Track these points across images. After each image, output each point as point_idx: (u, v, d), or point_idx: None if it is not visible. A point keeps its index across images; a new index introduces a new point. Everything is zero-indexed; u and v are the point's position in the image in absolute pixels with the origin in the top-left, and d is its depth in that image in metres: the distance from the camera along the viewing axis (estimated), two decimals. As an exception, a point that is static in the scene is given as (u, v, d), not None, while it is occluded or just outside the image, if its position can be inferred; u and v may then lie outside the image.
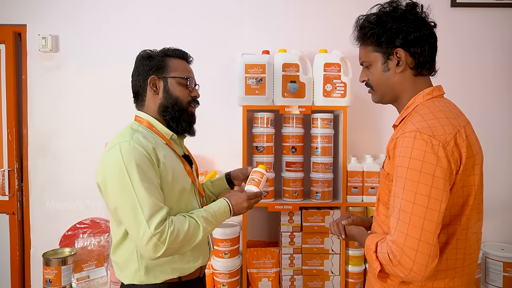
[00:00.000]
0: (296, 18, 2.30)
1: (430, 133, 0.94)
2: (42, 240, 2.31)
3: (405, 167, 0.94)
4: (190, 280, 1.26)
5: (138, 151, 1.11)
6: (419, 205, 0.91)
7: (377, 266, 0.98)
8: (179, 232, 1.10)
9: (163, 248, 1.07)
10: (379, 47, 1.09)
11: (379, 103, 1.19)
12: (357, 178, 2.03)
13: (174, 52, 1.29)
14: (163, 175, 1.16)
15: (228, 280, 2.01)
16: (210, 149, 2.28)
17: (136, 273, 1.18)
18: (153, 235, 1.05)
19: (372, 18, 1.10)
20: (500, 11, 2.28)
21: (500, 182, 2.30)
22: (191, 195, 1.28)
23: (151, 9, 2.30)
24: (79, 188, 2.30)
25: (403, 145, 0.96)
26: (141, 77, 1.26)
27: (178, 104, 1.26)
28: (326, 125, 2.04)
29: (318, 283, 2.04)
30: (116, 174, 1.09)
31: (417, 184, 0.92)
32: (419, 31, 1.06)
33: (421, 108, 1.04)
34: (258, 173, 1.38)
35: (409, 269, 0.90)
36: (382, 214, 1.12)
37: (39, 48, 2.25)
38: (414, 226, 0.91)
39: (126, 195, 1.08)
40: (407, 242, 0.91)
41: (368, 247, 1.03)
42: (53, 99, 2.31)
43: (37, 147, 2.32)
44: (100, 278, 2.07)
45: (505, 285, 2.01)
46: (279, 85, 2.01)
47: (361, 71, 1.19)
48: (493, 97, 2.30)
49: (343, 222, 1.26)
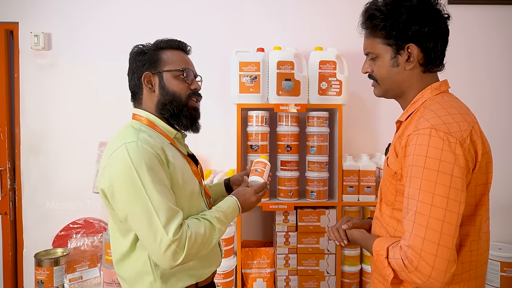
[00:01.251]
0: (291, 15, 2.28)
1: (446, 130, 0.89)
2: (35, 240, 2.28)
3: (421, 167, 0.88)
4: (205, 285, 1.21)
5: (147, 151, 1.02)
6: (437, 207, 0.86)
7: (390, 273, 0.92)
8: (196, 236, 1.02)
9: (183, 255, 0.99)
10: (390, 40, 1.01)
11: (381, 97, 1.12)
12: (353, 177, 2.01)
13: (168, 43, 1.19)
14: (173, 176, 1.08)
15: (223, 281, 1.99)
16: (204, 148, 2.25)
17: (152, 285, 1.09)
18: (172, 242, 0.97)
19: (383, 6, 1.00)
20: (498, 8, 2.26)
21: (499, 181, 2.27)
22: (199, 196, 1.20)
23: (144, 6, 2.27)
24: (73, 188, 2.27)
25: (417, 142, 0.91)
26: (135, 75, 1.17)
27: (176, 99, 1.15)
28: (321, 123, 2.01)
29: (314, 284, 2.02)
30: (125, 178, 0.99)
31: (435, 185, 0.87)
32: (434, 24, 0.98)
33: (431, 103, 0.98)
34: (261, 163, 1.35)
35: (428, 275, 0.85)
36: (386, 215, 1.07)
37: (31, 46, 2.22)
38: (432, 229, 0.85)
39: (139, 201, 0.99)
40: (424, 247, 0.85)
41: (378, 253, 0.97)
42: (46, 97, 2.28)
43: (29, 146, 2.29)
44: (93, 278, 2.04)
45: (502, 285, 1.99)
46: (273, 83, 1.98)
47: (365, 61, 1.10)
48: (490, 94, 2.28)
49: (343, 227, 1.17)
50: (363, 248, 1.17)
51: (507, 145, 2.29)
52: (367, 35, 1.07)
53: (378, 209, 1.13)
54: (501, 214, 2.30)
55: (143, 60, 1.16)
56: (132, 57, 1.20)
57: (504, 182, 2.29)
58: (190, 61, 1.25)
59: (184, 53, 1.24)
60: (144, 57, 1.17)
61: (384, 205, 1.09)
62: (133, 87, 1.20)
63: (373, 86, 1.12)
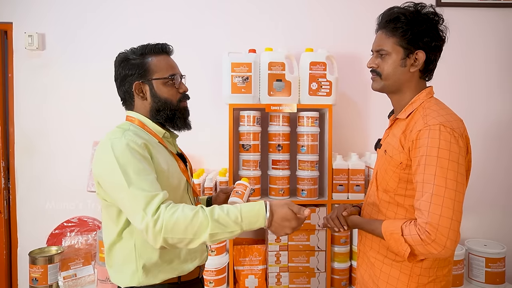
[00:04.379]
0: (283, 17, 2.31)
1: (451, 126, 1.07)
2: (29, 238, 2.30)
3: (435, 156, 1.05)
4: (189, 280, 1.24)
5: (129, 146, 1.09)
6: (450, 189, 1.03)
7: (407, 249, 1.07)
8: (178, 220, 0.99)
9: (161, 235, 0.99)
10: (404, 42, 1.16)
11: (377, 91, 1.25)
12: (343, 175, 2.05)
13: (153, 49, 1.22)
14: (158, 170, 1.13)
15: (215, 278, 2.03)
16: (197, 147, 2.28)
17: (135, 274, 1.14)
18: (149, 222, 0.99)
19: (408, 13, 1.16)
20: (485, 11, 2.32)
21: (484, 180, 2.33)
22: (185, 193, 1.25)
23: (138, 7, 2.30)
24: (67, 187, 2.29)
25: (429, 136, 1.07)
26: (126, 83, 1.21)
27: (169, 104, 1.22)
28: (312, 123, 2.06)
29: (304, 280, 2.06)
30: (109, 168, 1.07)
31: (447, 171, 1.04)
32: (440, 40, 1.18)
33: (429, 105, 1.15)
34: (242, 186, 1.36)
35: (443, 245, 1.01)
36: (384, 201, 1.22)
37: (25, 46, 2.24)
38: (447, 207, 1.02)
39: (121, 187, 1.05)
40: (441, 222, 1.01)
41: (392, 232, 1.11)
42: (40, 97, 2.30)
43: (23, 145, 2.31)
44: (87, 276, 2.07)
45: (487, 280, 2.04)
46: (265, 84, 2.02)
47: (372, 57, 1.24)
48: (479, 96, 2.34)
49: (344, 214, 1.31)
50: (365, 231, 1.26)
51: (492, 144, 2.35)
52: (384, 34, 1.20)
53: (374, 196, 1.26)
54: (486, 211, 2.36)
55: (131, 69, 1.20)
56: (118, 65, 1.23)
57: (488, 180, 2.35)
58: (175, 63, 1.28)
59: (168, 56, 1.27)
60: (131, 65, 1.20)
61: (382, 192, 1.23)
62: (123, 95, 1.25)
63: (372, 79, 1.25)
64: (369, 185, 1.36)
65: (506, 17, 2.32)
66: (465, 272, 2.12)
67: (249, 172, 2.06)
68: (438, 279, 1.17)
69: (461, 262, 2.05)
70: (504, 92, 2.34)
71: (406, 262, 1.15)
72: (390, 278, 1.19)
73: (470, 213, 2.32)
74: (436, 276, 1.17)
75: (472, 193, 2.20)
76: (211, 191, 2.08)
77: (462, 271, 2.07)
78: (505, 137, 2.36)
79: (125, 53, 1.23)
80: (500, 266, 2.04)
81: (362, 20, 2.26)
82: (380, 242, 1.22)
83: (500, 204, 2.36)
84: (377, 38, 1.23)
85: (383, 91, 1.25)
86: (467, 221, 2.30)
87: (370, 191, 1.32)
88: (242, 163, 2.07)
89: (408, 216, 1.17)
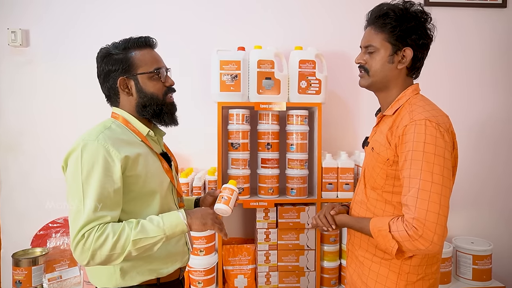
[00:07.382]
0: (272, 14, 2.30)
1: (436, 121, 1.07)
2: (13, 240, 2.25)
3: (421, 151, 1.04)
4: (169, 282, 1.22)
5: (99, 153, 1.06)
6: (436, 184, 1.02)
7: (394, 245, 1.06)
8: (106, 241, 1.01)
9: (88, 255, 1.01)
10: (392, 39, 1.16)
11: (366, 88, 1.25)
12: (332, 174, 2.05)
13: (135, 43, 1.19)
14: (132, 174, 1.10)
15: (204, 278, 2.01)
16: (185, 146, 2.26)
17: (112, 276, 1.13)
18: (80, 241, 1.01)
19: (397, 10, 1.16)
20: (472, 11, 2.34)
21: (469, 178, 2.36)
22: (168, 193, 1.22)
23: (125, 3, 2.26)
24: (52, 187, 2.24)
25: (415, 131, 1.06)
26: (110, 79, 1.18)
27: (155, 99, 1.19)
28: (301, 121, 2.05)
29: (294, 279, 2.05)
30: (73, 170, 1.06)
31: (433, 165, 1.03)
32: (427, 39, 1.19)
33: (416, 101, 1.16)
34: (228, 190, 1.30)
35: (430, 240, 1.00)
36: (373, 199, 1.22)
37: (9, 42, 2.18)
38: (433, 202, 1.01)
39: (75, 196, 1.05)
40: (428, 217, 1.00)
41: (380, 229, 1.10)
42: (24, 95, 2.24)
43: (8, 145, 2.25)
44: (73, 278, 2.03)
45: (474, 277, 2.06)
46: (254, 82, 2.00)
47: (360, 53, 1.24)
48: (466, 96, 2.36)
49: (331, 213, 1.29)
50: (354, 229, 1.26)
51: (479, 142, 2.38)
52: (373, 30, 1.20)
53: (362, 194, 1.26)
54: (473, 209, 2.38)
55: (114, 64, 1.17)
56: (101, 61, 1.20)
57: (475, 178, 2.38)
58: (159, 56, 1.25)
59: (152, 49, 1.24)
60: (114, 61, 1.17)
61: (370, 190, 1.23)
62: (108, 91, 1.21)
63: (360, 76, 1.25)
64: (357, 183, 1.36)
65: (491, 17, 2.35)
66: (452, 269, 2.13)
67: (238, 171, 2.04)
68: (427, 276, 1.17)
69: (448, 260, 2.07)
70: (488, 92, 2.37)
71: (395, 260, 1.15)
72: (379, 277, 1.19)
73: (458, 211, 2.34)
74: (425, 273, 1.17)
75: (459, 191, 2.23)
76: (200, 191, 2.05)
77: (449, 268, 2.08)
78: (490, 135, 2.38)
79: (107, 48, 1.20)
80: (487, 263, 2.06)
81: (351, 18, 2.26)
82: (369, 240, 1.22)
83: (487, 201, 2.39)
84: (366, 34, 1.24)
85: (370, 89, 1.26)
86: (454, 218, 2.33)
87: (358, 189, 1.32)
88: (231, 162, 2.06)
89: (396, 213, 1.17)
